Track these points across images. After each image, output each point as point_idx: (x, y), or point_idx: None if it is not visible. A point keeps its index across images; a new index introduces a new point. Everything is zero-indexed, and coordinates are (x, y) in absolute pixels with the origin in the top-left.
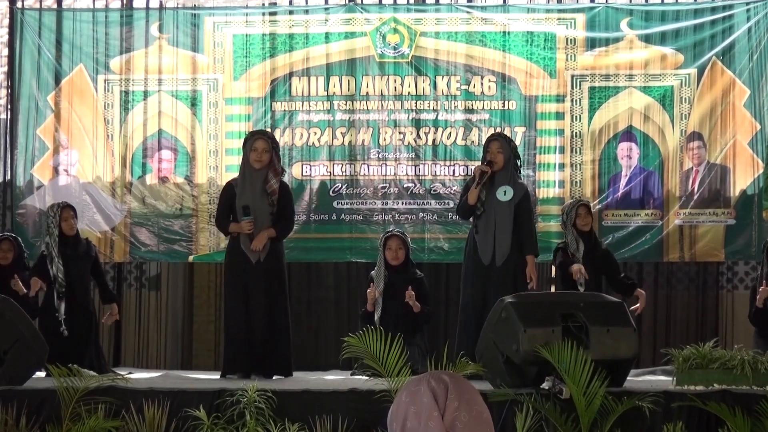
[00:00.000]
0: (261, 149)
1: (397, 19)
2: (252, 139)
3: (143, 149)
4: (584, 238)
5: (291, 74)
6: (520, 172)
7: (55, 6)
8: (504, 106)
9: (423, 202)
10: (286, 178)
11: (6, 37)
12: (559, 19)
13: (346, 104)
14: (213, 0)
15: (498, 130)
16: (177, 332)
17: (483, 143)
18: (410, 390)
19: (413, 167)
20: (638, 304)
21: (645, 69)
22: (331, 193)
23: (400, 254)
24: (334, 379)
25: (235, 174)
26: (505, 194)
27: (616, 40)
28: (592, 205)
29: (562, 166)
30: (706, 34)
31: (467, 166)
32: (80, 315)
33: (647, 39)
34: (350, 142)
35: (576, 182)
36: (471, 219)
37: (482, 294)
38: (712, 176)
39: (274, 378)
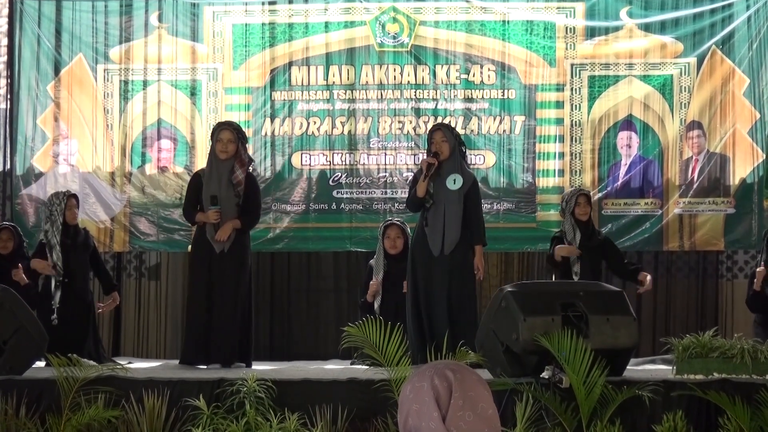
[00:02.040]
0: (226, 140)
1: (396, 8)
2: (218, 129)
3: (143, 139)
4: (581, 228)
5: (290, 64)
6: (467, 160)
7: None
8: (503, 95)
9: None
10: (283, 167)
11: (5, 27)
12: (558, 8)
13: (345, 93)
14: None
15: (498, 118)
16: (176, 322)
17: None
18: (414, 385)
19: (412, 156)
20: (645, 286)
21: (644, 58)
22: (330, 182)
23: (398, 243)
24: (333, 368)
25: None
26: (454, 182)
27: (616, 29)
28: (591, 194)
29: (561, 155)
30: (706, 23)
31: (467, 155)
32: (77, 305)
33: (647, 28)
34: (350, 131)
35: (575, 171)
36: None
37: (429, 282)
38: (712, 165)
39: (233, 366)
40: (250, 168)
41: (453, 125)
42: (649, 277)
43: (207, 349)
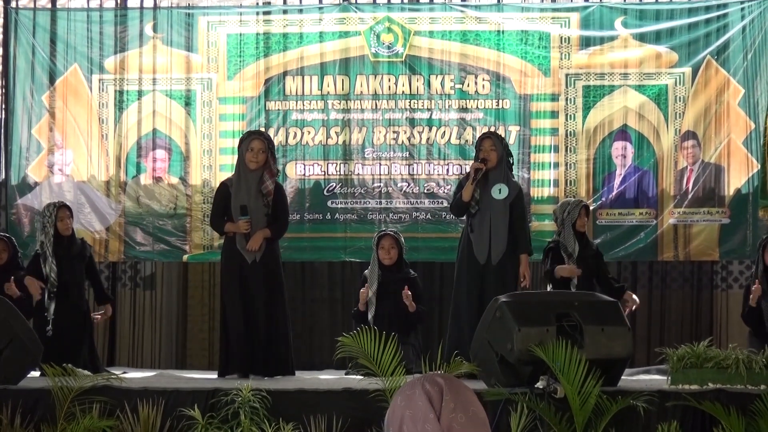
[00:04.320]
0: (257, 149)
1: (391, 18)
2: (249, 138)
3: (137, 149)
4: (578, 239)
5: (285, 74)
6: (513, 171)
7: (49, 6)
8: (498, 105)
9: (417, 202)
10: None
11: (0, 37)
12: (553, 18)
13: (340, 103)
14: (207, 0)
15: (492, 128)
16: (171, 332)
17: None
18: (405, 394)
19: (407, 166)
20: (631, 306)
21: (639, 68)
22: (325, 192)
23: (393, 253)
24: (328, 378)
25: (228, 174)
26: (500, 192)
27: (611, 38)
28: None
29: (556, 165)
30: (701, 33)
31: (461, 166)
32: (73, 315)
33: (641, 38)
34: (344, 141)
35: (570, 181)
36: (465, 217)
37: (478, 293)
38: (707, 175)
39: (275, 377)
40: (278, 178)
41: (448, 135)
42: (634, 296)
43: (248, 361)
